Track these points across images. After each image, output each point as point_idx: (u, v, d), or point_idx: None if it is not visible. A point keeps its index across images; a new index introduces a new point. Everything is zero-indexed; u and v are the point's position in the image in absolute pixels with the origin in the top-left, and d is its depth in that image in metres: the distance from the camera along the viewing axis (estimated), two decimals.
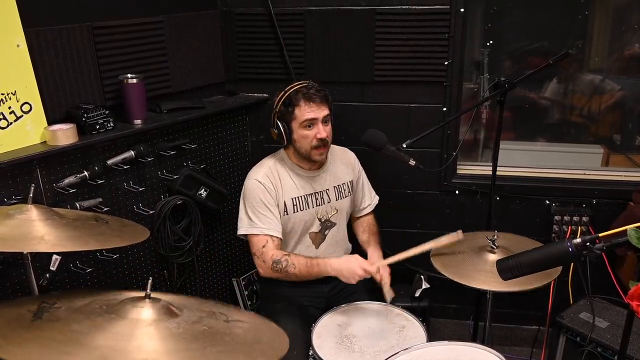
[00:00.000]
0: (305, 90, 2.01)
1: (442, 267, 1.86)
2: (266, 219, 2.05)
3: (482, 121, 2.88)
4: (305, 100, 2.00)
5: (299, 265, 2.00)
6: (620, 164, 2.78)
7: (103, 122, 2.07)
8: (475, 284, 1.77)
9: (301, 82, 2.06)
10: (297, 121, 2.02)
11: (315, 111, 2.00)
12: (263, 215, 2.04)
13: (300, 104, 2.00)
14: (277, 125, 2.05)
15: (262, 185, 2.05)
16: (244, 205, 2.09)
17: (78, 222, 1.54)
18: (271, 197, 2.06)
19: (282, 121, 2.04)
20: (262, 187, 2.05)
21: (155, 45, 2.32)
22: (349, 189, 2.25)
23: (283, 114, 2.04)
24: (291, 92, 2.02)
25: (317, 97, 2.01)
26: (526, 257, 1.38)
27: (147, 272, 2.39)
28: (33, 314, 1.17)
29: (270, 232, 2.04)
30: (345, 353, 1.79)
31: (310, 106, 2.00)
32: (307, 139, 2.03)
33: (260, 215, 2.04)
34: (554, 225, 2.59)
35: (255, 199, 2.05)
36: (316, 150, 2.05)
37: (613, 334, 2.13)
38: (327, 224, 2.20)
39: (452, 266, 1.87)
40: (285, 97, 2.03)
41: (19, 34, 1.86)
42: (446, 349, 1.62)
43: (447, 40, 2.45)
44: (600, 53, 2.84)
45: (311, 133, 2.02)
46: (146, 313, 1.20)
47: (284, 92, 2.05)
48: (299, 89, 2.02)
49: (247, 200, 2.07)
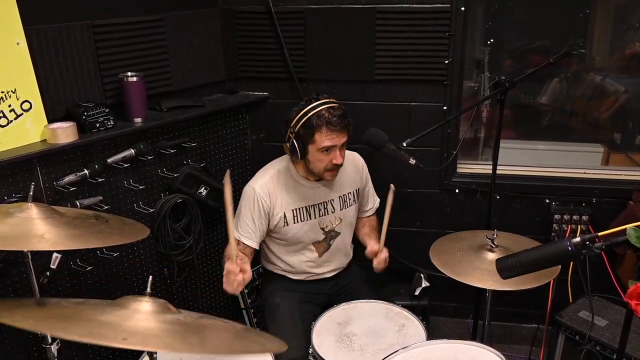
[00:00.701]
0: (328, 116, 1.90)
1: (441, 266, 1.87)
2: (246, 227, 2.04)
3: (482, 120, 2.88)
4: (327, 127, 1.90)
5: None
6: (620, 163, 2.79)
7: (103, 121, 2.07)
8: (474, 282, 1.78)
9: (323, 102, 1.93)
10: (315, 146, 1.94)
11: (335, 140, 1.93)
12: (245, 223, 2.04)
13: (322, 131, 1.90)
14: (292, 144, 1.97)
15: (256, 195, 2.03)
16: (238, 206, 2.09)
17: (78, 220, 1.55)
18: (260, 208, 2.03)
19: (299, 141, 1.95)
20: (254, 197, 2.03)
21: (156, 43, 2.32)
22: (354, 197, 2.21)
23: (301, 135, 1.94)
24: (313, 115, 1.90)
25: (339, 127, 1.92)
26: (525, 256, 1.38)
27: (147, 270, 2.40)
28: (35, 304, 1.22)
29: (242, 239, 2.03)
30: (345, 351, 1.80)
31: (331, 134, 1.91)
32: (322, 163, 1.97)
33: (242, 221, 2.04)
34: (553, 224, 2.59)
35: (245, 206, 2.05)
36: (329, 172, 2.01)
37: (612, 332, 2.13)
38: (331, 234, 2.18)
39: (451, 265, 1.87)
40: (305, 119, 1.91)
41: (19, 32, 1.86)
42: (446, 348, 1.63)
43: (448, 39, 2.45)
44: (601, 52, 2.84)
45: (328, 158, 1.96)
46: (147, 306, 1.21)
47: (304, 112, 1.93)
48: (321, 113, 1.90)
49: (240, 204, 2.07)
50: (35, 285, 1.71)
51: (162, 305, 1.24)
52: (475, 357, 1.59)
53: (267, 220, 2.06)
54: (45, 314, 1.12)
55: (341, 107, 1.96)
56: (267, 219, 2.06)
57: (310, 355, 1.86)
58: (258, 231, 2.05)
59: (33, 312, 1.14)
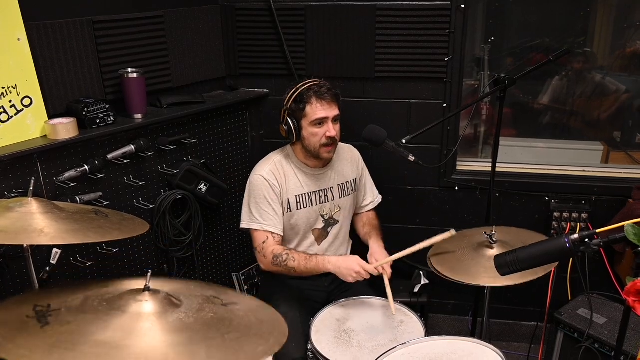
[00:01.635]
0: (317, 88, 2.01)
1: (439, 265, 1.87)
2: (267, 216, 2.06)
3: (482, 117, 2.88)
4: (317, 98, 2.00)
5: (299, 259, 2.02)
6: (620, 161, 2.79)
7: (103, 117, 2.07)
8: (472, 280, 1.78)
9: (313, 80, 2.05)
10: (308, 119, 2.02)
11: (326, 110, 2.01)
12: (265, 211, 2.06)
13: (312, 102, 2.00)
14: (287, 122, 2.06)
15: (267, 182, 2.06)
16: (247, 200, 2.11)
17: (78, 215, 1.55)
18: (274, 194, 2.07)
19: (292, 118, 2.04)
20: (267, 184, 2.06)
21: (156, 39, 2.32)
22: (352, 187, 2.25)
23: (294, 111, 2.04)
24: (303, 89, 2.02)
25: (328, 96, 2.01)
26: (524, 253, 1.39)
27: (146, 266, 2.40)
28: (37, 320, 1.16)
29: (270, 229, 2.06)
30: (343, 347, 1.80)
31: (322, 104, 2.00)
32: (316, 137, 2.03)
33: (262, 211, 2.07)
34: (553, 221, 2.59)
35: (259, 195, 2.07)
36: (325, 148, 2.06)
37: (610, 330, 2.13)
38: (330, 222, 2.21)
39: (450, 262, 1.88)
40: (296, 94, 2.02)
41: (20, 28, 1.86)
42: (444, 344, 1.63)
43: (448, 36, 2.45)
44: (601, 50, 2.84)
45: (321, 131, 2.03)
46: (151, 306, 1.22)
47: (295, 89, 2.04)
48: (310, 86, 2.02)
49: (251, 196, 2.10)
50: (35, 280, 1.72)
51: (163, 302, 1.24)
52: (474, 354, 1.60)
53: (281, 204, 2.10)
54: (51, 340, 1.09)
55: (328, 83, 2.06)
56: (281, 203, 2.09)
57: (309, 351, 1.86)
58: (279, 216, 2.09)
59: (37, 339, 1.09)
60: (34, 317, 1.16)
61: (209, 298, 1.36)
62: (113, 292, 1.30)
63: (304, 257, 2.02)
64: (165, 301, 1.26)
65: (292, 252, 2.05)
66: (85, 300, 1.26)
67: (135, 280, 1.37)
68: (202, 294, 1.38)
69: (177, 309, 1.25)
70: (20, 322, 1.15)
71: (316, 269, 2.02)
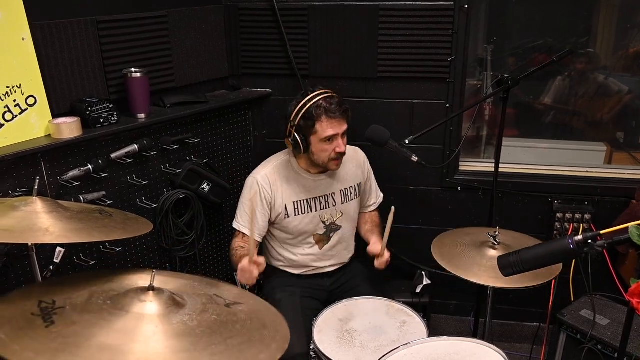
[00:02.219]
0: (327, 105, 1.94)
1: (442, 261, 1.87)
2: (246, 217, 2.08)
3: (485, 118, 2.87)
4: (327, 116, 1.94)
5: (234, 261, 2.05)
6: (623, 162, 2.78)
7: (107, 116, 2.07)
8: (476, 279, 1.78)
9: (320, 93, 1.98)
10: (317, 136, 1.97)
11: (336, 128, 1.97)
12: (245, 213, 2.09)
13: (322, 120, 1.94)
14: (294, 137, 2.00)
15: (258, 185, 2.07)
16: (240, 199, 2.14)
17: (82, 214, 1.55)
18: (261, 199, 2.06)
19: (300, 134, 1.99)
20: (256, 187, 2.06)
21: (159, 39, 2.33)
22: (356, 191, 2.23)
23: (302, 128, 1.98)
24: (312, 106, 1.94)
25: (338, 114, 1.96)
26: (527, 254, 1.39)
27: (149, 265, 2.40)
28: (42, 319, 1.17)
29: (244, 230, 2.09)
30: (346, 348, 1.80)
31: (331, 122, 1.95)
32: (326, 153, 2.00)
33: (243, 212, 2.10)
34: (556, 222, 2.59)
35: (245, 197, 2.10)
36: (333, 162, 2.04)
37: (613, 331, 2.13)
38: (332, 227, 2.20)
39: (453, 261, 1.88)
40: (304, 110, 1.95)
41: (24, 27, 1.87)
42: (447, 345, 1.63)
43: (451, 36, 2.45)
44: (604, 50, 2.84)
45: (331, 147, 1.99)
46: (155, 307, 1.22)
47: (302, 104, 1.97)
48: (320, 103, 1.94)
49: (242, 196, 2.13)
50: (39, 278, 1.72)
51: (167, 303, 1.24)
52: (477, 355, 1.60)
53: (270, 211, 2.09)
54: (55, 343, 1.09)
55: (338, 96, 2.01)
56: (270, 209, 2.09)
57: (311, 351, 1.86)
58: (260, 223, 2.08)
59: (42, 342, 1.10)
60: (39, 315, 1.17)
61: (212, 297, 1.36)
62: (118, 289, 1.30)
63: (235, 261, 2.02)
64: (169, 302, 1.26)
65: (237, 252, 2.05)
66: (90, 298, 1.26)
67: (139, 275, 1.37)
68: (205, 292, 1.38)
69: (181, 309, 1.26)
70: (26, 319, 1.16)
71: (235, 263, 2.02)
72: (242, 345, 1.20)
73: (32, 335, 1.10)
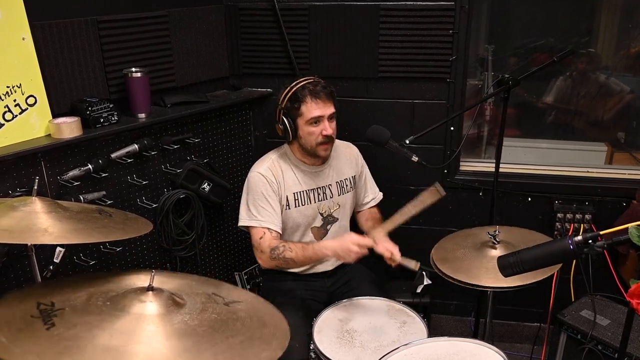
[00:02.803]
0: (311, 86, 2.00)
1: (442, 265, 1.87)
2: (265, 212, 2.05)
3: (485, 118, 2.87)
4: (311, 97, 1.99)
5: (296, 249, 1.99)
6: (624, 162, 2.78)
7: (107, 116, 2.07)
8: (475, 281, 1.78)
9: (307, 78, 2.04)
10: (303, 118, 2.01)
11: (321, 108, 2.00)
12: (262, 208, 2.05)
13: (307, 101, 1.99)
14: (282, 121, 2.05)
15: (265, 178, 2.06)
16: (245, 198, 2.10)
17: (82, 214, 1.55)
18: (272, 191, 2.06)
19: (288, 117, 2.04)
20: (264, 180, 2.06)
21: (160, 39, 2.33)
22: (351, 184, 2.25)
23: (289, 110, 2.03)
24: (297, 88, 2.01)
25: (323, 94, 2.00)
26: (527, 254, 1.38)
27: (149, 265, 2.40)
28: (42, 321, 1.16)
29: (268, 225, 2.04)
30: (346, 348, 1.80)
31: (317, 103, 1.99)
32: (312, 136, 2.03)
33: (260, 208, 2.06)
34: (556, 222, 2.59)
35: (257, 192, 2.06)
36: (321, 146, 2.06)
37: (614, 331, 2.13)
38: (329, 219, 2.21)
39: (452, 263, 1.88)
40: (291, 93, 2.01)
41: (25, 27, 1.87)
42: (447, 345, 1.63)
43: (452, 36, 2.45)
44: (606, 50, 2.83)
45: (317, 130, 2.02)
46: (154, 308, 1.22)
47: (289, 88, 2.03)
48: (305, 85, 2.01)
49: (249, 193, 2.09)
50: (39, 279, 1.72)
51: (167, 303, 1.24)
52: (477, 355, 1.59)
53: (280, 201, 2.09)
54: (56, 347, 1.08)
55: (325, 81, 2.05)
56: (279, 200, 2.08)
57: (311, 351, 1.86)
58: (277, 213, 2.07)
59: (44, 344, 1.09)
60: (39, 317, 1.16)
61: (211, 296, 1.35)
62: (117, 290, 1.30)
63: (301, 247, 1.99)
64: (169, 301, 1.26)
65: (288, 243, 2.02)
66: (88, 299, 1.26)
67: (137, 275, 1.37)
68: (204, 292, 1.37)
69: (181, 309, 1.26)
70: (25, 321, 1.15)
71: (314, 256, 1.99)
72: (244, 343, 1.20)
73: (33, 338, 1.10)
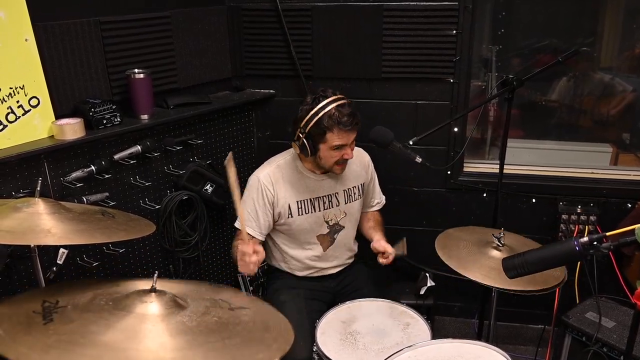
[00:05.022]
0: (339, 116, 1.91)
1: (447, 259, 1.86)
2: (248, 216, 2.06)
3: (489, 119, 2.86)
4: (338, 127, 1.92)
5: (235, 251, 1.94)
6: (629, 163, 2.76)
7: (110, 117, 2.07)
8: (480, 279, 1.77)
9: (332, 100, 1.94)
10: (327, 144, 1.96)
11: (346, 138, 1.96)
12: (248, 212, 2.06)
13: (333, 131, 1.92)
14: (302, 143, 1.98)
15: (260, 184, 2.05)
16: (242, 198, 2.10)
17: (85, 215, 1.55)
18: (263, 198, 2.05)
19: (309, 140, 1.96)
20: (258, 186, 2.05)
21: (162, 40, 2.33)
22: (359, 192, 2.22)
23: (312, 135, 1.95)
24: (324, 115, 1.91)
25: (350, 126, 1.94)
26: (532, 255, 1.37)
27: (152, 266, 2.40)
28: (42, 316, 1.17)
29: (247, 230, 2.04)
30: (349, 350, 1.79)
31: (342, 134, 1.94)
32: (333, 159, 2.01)
33: (246, 211, 2.06)
34: (561, 224, 2.57)
35: (248, 196, 2.07)
36: (338, 166, 2.05)
37: (619, 334, 2.11)
38: (335, 227, 2.19)
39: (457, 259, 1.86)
40: (317, 119, 1.92)
41: (27, 28, 1.87)
42: (451, 347, 1.61)
43: (455, 37, 2.44)
44: (610, 51, 2.82)
45: (339, 154, 1.99)
46: (156, 308, 1.21)
47: (314, 112, 1.92)
48: (332, 113, 1.91)
49: (244, 194, 2.10)
50: (42, 280, 1.72)
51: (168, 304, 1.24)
52: (481, 357, 1.58)
53: (272, 210, 2.08)
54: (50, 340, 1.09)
55: (349, 103, 1.98)
56: (272, 208, 2.07)
57: (314, 353, 1.85)
58: (262, 221, 2.07)
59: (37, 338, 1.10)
60: (40, 313, 1.17)
61: (217, 302, 1.35)
62: (122, 292, 1.30)
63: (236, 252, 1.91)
64: (170, 303, 1.25)
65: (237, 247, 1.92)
66: (93, 299, 1.26)
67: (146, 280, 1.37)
68: (211, 297, 1.37)
69: (182, 311, 1.25)
70: (26, 317, 1.16)
71: None
72: (240, 344, 1.19)
73: (29, 332, 1.11)
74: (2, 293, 1.90)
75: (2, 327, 1.11)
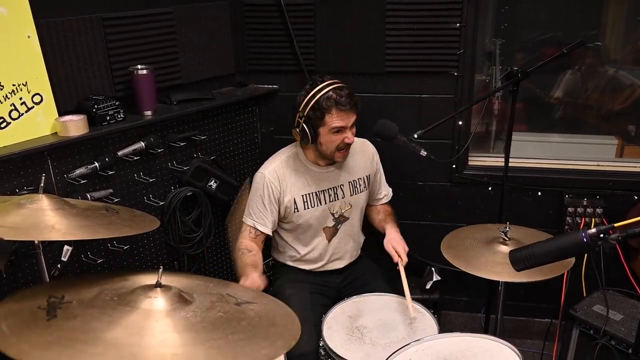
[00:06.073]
0: (336, 97, 1.92)
1: (453, 259, 1.85)
2: (258, 212, 2.08)
3: (494, 112, 2.84)
4: (337, 108, 1.93)
5: (241, 263, 2.02)
6: (635, 155, 2.74)
7: (113, 113, 2.07)
8: (487, 275, 1.76)
9: (329, 83, 1.96)
10: (326, 127, 1.96)
11: (345, 119, 1.96)
12: (257, 208, 2.08)
13: (332, 112, 1.93)
14: (302, 128, 1.99)
15: (266, 180, 2.06)
16: (249, 195, 2.13)
17: (88, 211, 1.55)
18: (270, 193, 2.06)
19: (309, 125, 1.98)
20: (265, 182, 2.06)
21: (165, 36, 2.32)
22: (365, 183, 2.21)
23: (310, 118, 1.96)
24: (321, 97, 1.93)
25: (349, 106, 1.94)
26: (540, 248, 1.36)
27: (157, 263, 2.40)
28: (46, 312, 1.17)
29: (255, 225, 2.08)
30: (356, 344, 1.79)
31: (341, 114, 1.94)
32: (334, 143, 2.00)
33: (254, 207, 2.09)
34: (567, 217, 2.56)
35: (256, 192, 2.08)
36: (340, 152, 2.03)
37: (627, 326, 2.10)
38: (340, 219, 2.18)
39: (463, 258, 1.85)
40: (314, 102, 1.94)
41: (30, 25, 1.86)
42: (459, 341, 1.61)
43: (459, 30, 2.42)
44: (615, 43, 2.80)
45: (339, 138, 1.98)
46: (160, 303, 1.21)
47: (311, 95, 1.95)
48: (329, 95, 1.93)
49: (251, 191, 2.12)
50: (46, 277, 1.72)
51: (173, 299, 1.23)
52: (489, 351, 1.58)
53: (278, 205, 2.08)
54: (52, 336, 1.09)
55: (347, 87, 1.98)
56: (278, 204, 2.08)
57: (320, 348, 1.85)
58: (270, 216, 2.08)
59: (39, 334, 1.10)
60: (45, 309, 1.17)
61: (224, 296, 1.34)
62: (128, 286, 1.30)
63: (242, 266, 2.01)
64: (175, 298, 1.25)
65: (244, 255, 2.03)
66: (98, 294, 1.26)
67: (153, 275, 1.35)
68: (218, 292, 1.36)
69: (187, 306, 1.24)
70: (31, 312, 1.16)
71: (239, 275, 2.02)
72: (244, 341, 1.18)
73: (32, 328, 1.11)
74: (7, 291, 1.90)
75: (7, 323, 1.11)
